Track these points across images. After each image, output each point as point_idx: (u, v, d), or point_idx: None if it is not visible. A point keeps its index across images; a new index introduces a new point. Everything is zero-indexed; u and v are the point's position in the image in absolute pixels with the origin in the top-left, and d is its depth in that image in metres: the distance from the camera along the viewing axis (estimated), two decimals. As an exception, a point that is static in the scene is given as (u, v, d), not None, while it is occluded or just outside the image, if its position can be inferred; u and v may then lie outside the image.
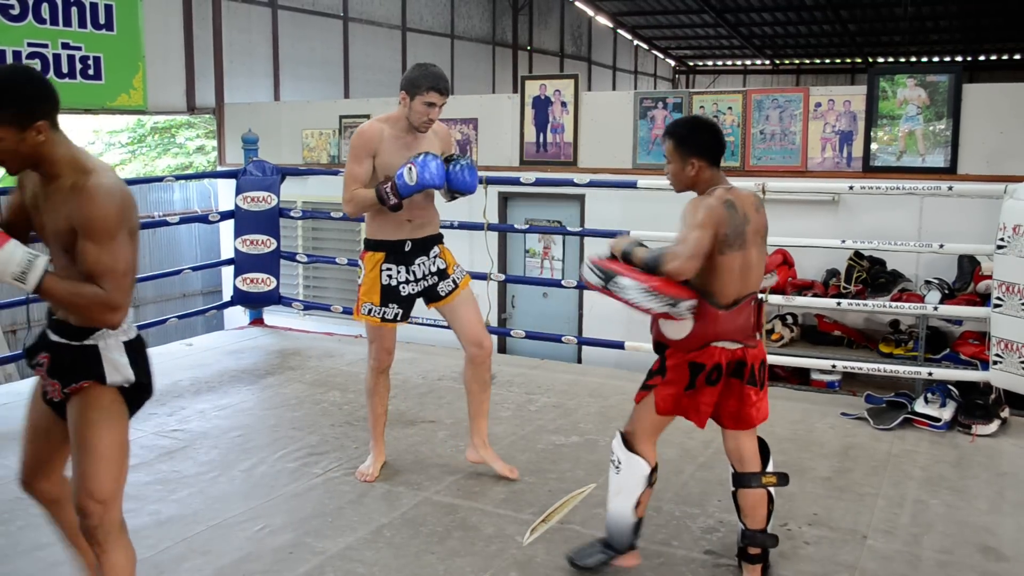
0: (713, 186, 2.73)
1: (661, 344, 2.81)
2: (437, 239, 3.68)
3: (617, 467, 2.84)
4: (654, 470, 2.83)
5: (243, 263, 6.32)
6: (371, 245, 3.63)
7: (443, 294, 3.65)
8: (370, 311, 3.64)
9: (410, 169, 3.35)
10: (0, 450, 4.05)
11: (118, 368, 2.26)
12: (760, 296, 2.84)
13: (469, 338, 3.64)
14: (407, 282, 3.61)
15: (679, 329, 2.71)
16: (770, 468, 2.88)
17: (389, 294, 3.60)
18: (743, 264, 2.69)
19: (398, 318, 3.64)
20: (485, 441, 3.75)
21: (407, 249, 3.59)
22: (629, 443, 2.83)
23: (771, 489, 2.86)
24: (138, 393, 2.34)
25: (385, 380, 3.78)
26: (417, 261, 3.61)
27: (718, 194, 2.69)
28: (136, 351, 2.31)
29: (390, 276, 3.60)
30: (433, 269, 3.64)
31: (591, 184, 5.80)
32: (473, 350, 3.64)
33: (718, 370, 2.71)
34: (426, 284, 3.64)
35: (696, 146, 2.75)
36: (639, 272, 2.66)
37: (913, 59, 21.28)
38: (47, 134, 2.08)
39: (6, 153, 2.07)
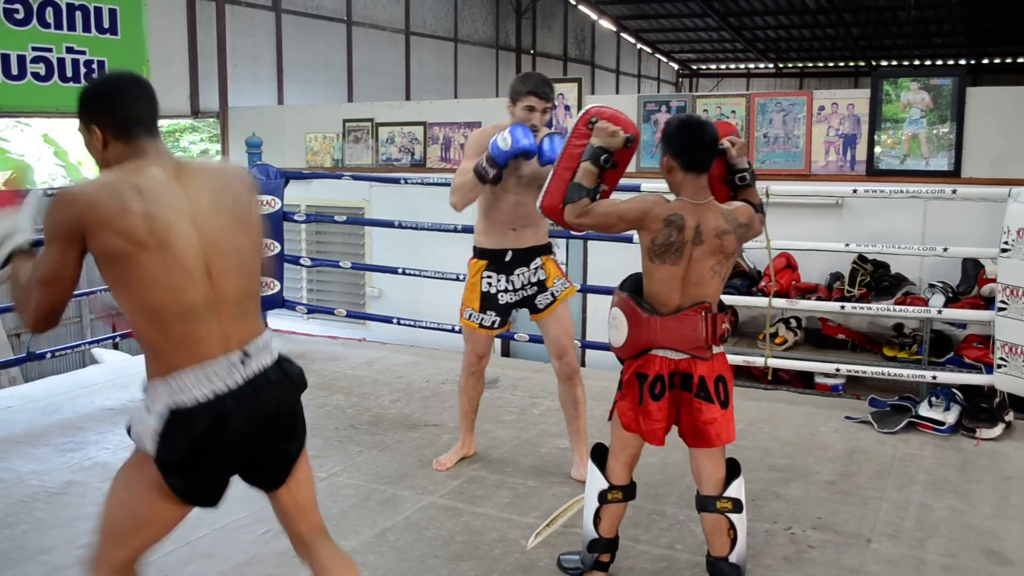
0: (680, 195, 2.61)
1: (620, 359, 2.75)
2: (541, 250, 3.71)
3: (588, 478, 2.81)
4: (616, 488, 2.73)
5: (247, 267, 6.31)
6: (476, 253, 3.74)
7: (540, 307, 3.70)
8: (469, 316, 3.71)
9: (504, 137, 3.37)
10: (5, 454, 4.06)
11: (139, 432, 1.92)
12: (718, 310, 2.65)
13: (552, 351, 3.72)
14: (505, 291, 3.67)
15: (617, 336, 2.66)
16: (732, 493, 2.66)
17: (488, 301, 3.68)
18: (687, 277, 2.58)
19: (495, 325, 3.71)
20: (584, 460, 3.61)
21: (507, 259, 3.65)
22: (600, 457, 2.78)
23: (732, 518, 2.65)
24: (179, 477, 1.92)
25: (475, 382, 3.86)
26: (517, 271, 3.66)
27: (672, 203, 2.60)
28: (179, 423, 1.87)
29: (490, 284, 3.67)
30: (533, 280, 3.68)
31: (594, 188, 5.79)
32: (555, 364, 3.71)
33: (660, 381, 2.59)
34: (524, 294, 3.69)
35: (669, 143, 2.64)
36: (558, 178, 2.79)
37: (916, 62, 21.31)
38: (108, 141, 1.97)
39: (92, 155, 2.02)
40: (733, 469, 2.71)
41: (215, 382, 1.89)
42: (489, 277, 3.67)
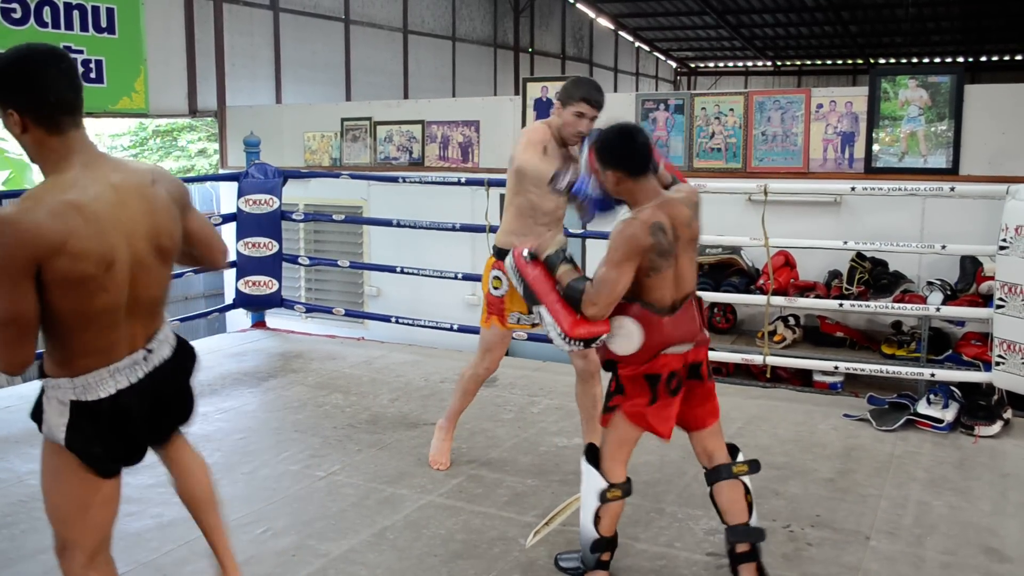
0: (642, 202, 2.62)
1: (610, 363, 2.74)
2: None
3: (582, 479, 2.79)
4: (616, 486, 2.73)
5: (245, 266, 6.32)
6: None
7: None
8: (519, 319, 3.64)
9: (592, 184, 3.30)
10: (4, 454, 4.06)
11: (50, 425, 1.98)
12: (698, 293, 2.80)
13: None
14: None
15: (628, 344, 2.63)
16: (740, 459, 2.81)
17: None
18: (675, 275, 2.64)
19: (535, 325, 3.67)
20: None
21: None
22: (594, 457, 2.77)
23: (747, 482, 2.77)
24: (94, 454, 2.00)
25: (479, 387, 3.86)
26: None
27: (644, 216, 2.58)
28: (85, 415, 1.95)
29: None
30: None
31: (593, 186, 5.79)
32: (578, 363, 3.68)
33: (676, 377, 2.65)
34: None
35: (609, 157, 2.64)
36: (559, 304, 2.66)
37: (915, 60, 21.31)
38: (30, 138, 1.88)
39: None
40: (731, 447, 2.84)
41: (119, 380, 1.99)
42: None
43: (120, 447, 2.07)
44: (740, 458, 2.81)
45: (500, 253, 3.59)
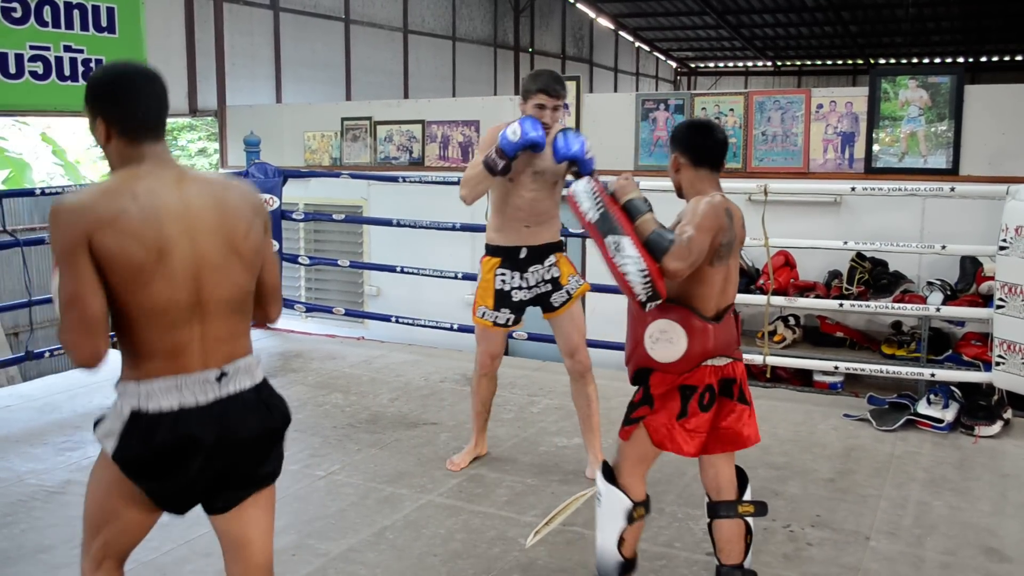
0: (701, 191, 2.54)
1: (641, 372, 2.57)
2: (555, 247, 3.69)
3: (599, 500, 2.65)
4: (640, 504, 2.61)
5: (245, 265, 6.31)
6: (489, 250, 3.69)
7: (556, 305, 3.68)
8: (483, 314, 3.68)
9: (513, 130, 3.37)
10: (4, 453, 4.06)
11: (105, 431, 1.91)
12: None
13: (564, 350, 3.70)
14: (519, 288, 3.65)
15: (672, 351, 2.47)
16: (747, 496, 2.64)
17: (502, 299, 3.65)
18: (726, 276, 2.52)
19: (509, 323, 3.69)
20: (599, 458, 3.63)
21: (522, 256, 3.63)
22: (612, 475, 2.63)
23: (749, 520, 2.61)
24: (140, 476, 1.90)
25: (488, 383, 3.83)
26: (531, 268, 3.64)
27: (720, 199, 2.48)
28: (140, 429, 1.86)
29: (503, 281, 3.64)
30: (547, 277, 3.66)
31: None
32: (567, 362, 3.70)
33: (711, 392, 2.50)
34: (538, 292, 3.67)
35: (679, 141, 2.60)
36: (643, 246, 2.42)
37: (915, 60, 21.31)
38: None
39: None
40: (740, 474, 2.68)
41: (184, 395, 1.87)
42: (503, 274, 3.63)
43: (168, 481, 1.90)
44: (748, 494, 2.65)
45: (487, 248, 3.69)
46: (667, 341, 2.47)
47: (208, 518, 2.04)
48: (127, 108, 1.90)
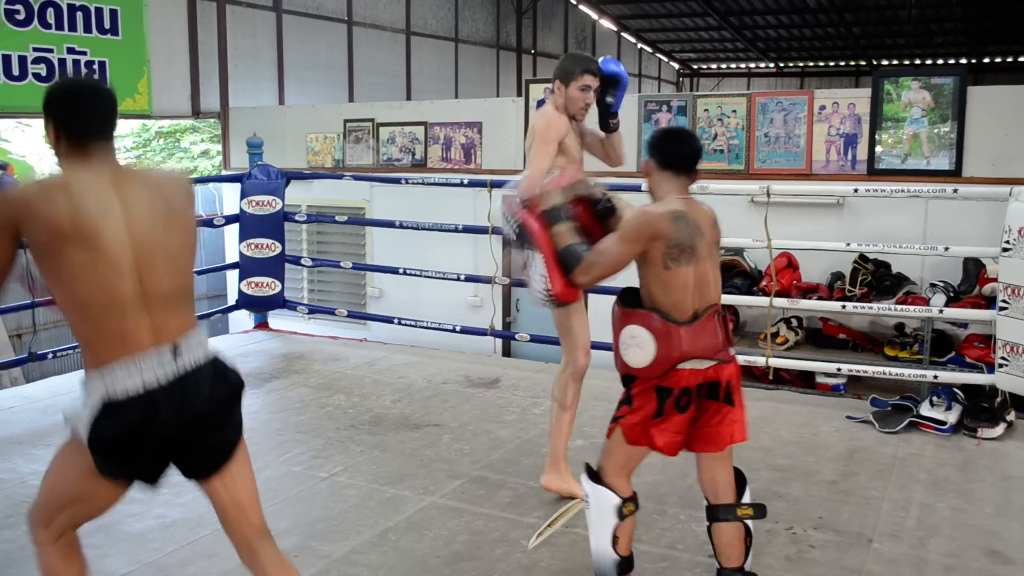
0: (662, 196, 2.61)
1: (628, 376, 2.61)
2: None
3: (587, 503, 2.67)
4: (628, 500, 2.63)
5: (248, 267, 6.32)
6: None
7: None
8: None
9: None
10: (7, 454, 4.07)
11: (76, 418, 2.03)
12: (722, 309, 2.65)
13: (584, 346, 3.59)
14: None
15: (641, 356, 2.51)
16: (746, 499, 2.66)
17: None
18: (698, 278, 2.52)
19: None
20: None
21: None
22: (596, 476, 2.65)
23: (749, 523, 2.62)
24: (111, 458, 2.03)
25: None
26: None
27: (666, 203, 2.55)
28: (109, 416, 1.98)
29: None
30: None
31: (595, 187, 5.79)
32: (584, 360, 3.62)
33: (687, 394, 2.51)
34: None
35: (649, 146, 2.68)
36: (552, 260, 2.68)
37: (917, 62, 21.29)
38: None
39: None
40: (739, 476, 2.68)
41: (145, 374, 2.00)
42: None
43: (144, 454, 2.04)
44: (747, 496, 2.66)
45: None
46: (636, 346, 2.53)
47: (199, 485, 2.16)
48: (75, 118, 2.11)
